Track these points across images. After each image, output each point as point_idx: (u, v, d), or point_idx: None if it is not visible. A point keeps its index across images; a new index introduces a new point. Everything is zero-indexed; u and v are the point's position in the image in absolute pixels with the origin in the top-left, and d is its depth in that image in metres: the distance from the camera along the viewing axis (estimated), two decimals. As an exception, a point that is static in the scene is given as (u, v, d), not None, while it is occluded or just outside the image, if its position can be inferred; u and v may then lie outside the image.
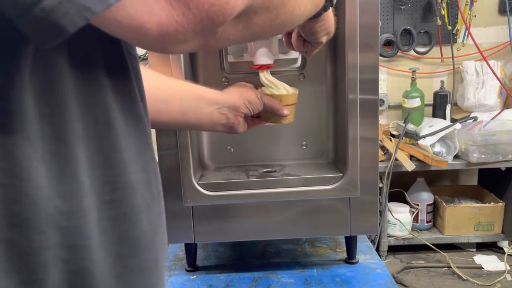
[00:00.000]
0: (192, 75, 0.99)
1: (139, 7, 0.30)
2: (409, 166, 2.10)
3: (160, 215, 0.46)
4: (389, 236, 2.35)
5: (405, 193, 2.43)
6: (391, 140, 2.22)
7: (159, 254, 0.45)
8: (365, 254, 1.08)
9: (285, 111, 0.84)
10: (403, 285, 2.10)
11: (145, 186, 0.43)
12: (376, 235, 2.07)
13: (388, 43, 2.51)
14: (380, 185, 2.11)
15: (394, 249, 2.40)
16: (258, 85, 0.87)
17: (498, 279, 2.08)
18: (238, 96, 0.80)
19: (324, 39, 0.72)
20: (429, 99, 2.48)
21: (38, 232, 0.33)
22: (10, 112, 0.32)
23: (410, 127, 2.20)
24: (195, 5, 0.31)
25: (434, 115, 2.46)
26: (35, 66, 0.33)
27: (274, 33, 0.52)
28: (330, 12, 0.67)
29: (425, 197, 2.41)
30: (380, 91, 1.63)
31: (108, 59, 0.39)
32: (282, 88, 0.85)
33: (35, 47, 0.32)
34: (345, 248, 1.06)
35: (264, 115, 0.86)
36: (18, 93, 0.32)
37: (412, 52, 2.55)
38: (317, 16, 0.64)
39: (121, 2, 0.29)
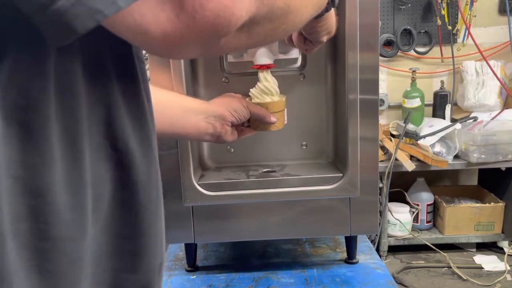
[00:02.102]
0: (192, 75, 0.99)
1: (146, 14, 0.31)
2: (409, 166, 2.10)
3: (160, 220, 0.47)
4: (389, 236, 2.35)
5: (405, 193, 2.43)
6: (391, 140, 2.22)
7: (158, 257, 0.46)
8: (365, 254, 1.08)
9: (272, 118, 0.86)
10: (403, 285, 2.09)
11: (147, 188, 0.44)
12: (376, 235, 2.07)
13: (388, 43, 2.51)
14: (380, 185, 2.11)
15: (394, 249, 2.40)
16: (246, 95, 0.89)
17: (498, 279, 2.08)
18: (223, 105, 0.82)
19: (325, 38, 0.73)
20: (429, 99, 2.48)
21: (42, 222, 0.34)
22: (31, 110, 0.33)
23: (410, 127, 2.19)
24: (200, 16, 0.32)
25: (434, 115, 2.46)
26: (55, 68, 0.34)
27: (276, 40, 0.53)
28: (331, 12, 0.68)
29: (425, 197, 2.41)
30: (380, 91, 1.63)
31: (118, 62, 0.40)
32: (268, 97, 0.87)
33: (55, 49, 0.33)
34: (345, 248, 1.06)
35: (253, 124, 0.88)
36: (41, 94, 0.33)
37: (412, 52, 2.55)
38: (319, 16, 0.64)
39: (130, 8, 0.30)
